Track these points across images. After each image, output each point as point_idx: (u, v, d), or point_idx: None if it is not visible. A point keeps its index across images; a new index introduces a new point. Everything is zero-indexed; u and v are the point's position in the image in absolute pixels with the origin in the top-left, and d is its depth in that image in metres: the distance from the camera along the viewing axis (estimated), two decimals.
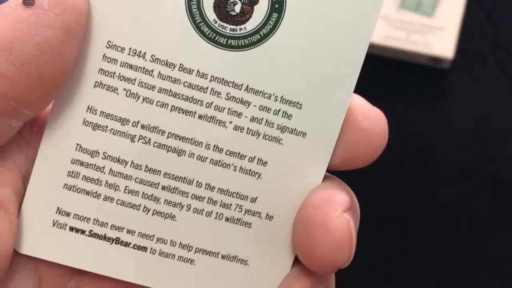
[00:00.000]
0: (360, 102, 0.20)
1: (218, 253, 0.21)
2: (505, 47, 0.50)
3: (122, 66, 0.20)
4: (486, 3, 0.51)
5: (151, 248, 0.20)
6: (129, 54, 0.20)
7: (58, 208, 0.20)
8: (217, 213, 0.20)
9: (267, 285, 0.21)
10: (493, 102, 0.48)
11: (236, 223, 0.21)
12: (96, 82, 0.20)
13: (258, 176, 0.20)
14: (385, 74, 0.50)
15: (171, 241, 0.20)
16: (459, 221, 0.46)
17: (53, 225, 0.20)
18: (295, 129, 0.20)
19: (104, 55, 0.19)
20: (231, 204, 0.20)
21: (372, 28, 0.20)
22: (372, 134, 0.20)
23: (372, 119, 0.20)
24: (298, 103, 0.20)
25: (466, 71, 0.49)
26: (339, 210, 0.19)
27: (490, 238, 0.46)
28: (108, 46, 0.19)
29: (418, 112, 0.49)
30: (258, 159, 0.20)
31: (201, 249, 0.21)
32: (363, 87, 0.24)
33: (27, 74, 0.18)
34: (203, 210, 0.20)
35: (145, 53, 0.20)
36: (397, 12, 0.50)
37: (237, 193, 0.20)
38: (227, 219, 0.21)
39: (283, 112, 0.20)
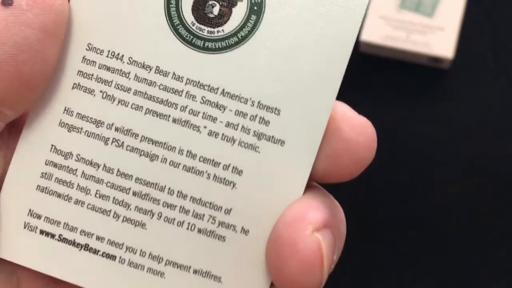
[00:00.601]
0: (343, 109, 0.19)
1: (190, 267, 0.19)
2: (505, 47, 0.50)
3: (100, 68, 0.20)
4: (486, 3, 0.51)
5: (120, 257, 0.20)
6: (107, 56, 0.20)
7: (30, 210, 0.20)
8: (189, 223, 0.19)
9: None
10: (493, 102, 0.49)
11: (209, 236, 0.19)
12: (74, 83, 0.20)
13: (233, 186, 0.19)
14: (385, 74, 0.50)
15: (141, 251, 0.20)
16: (459, 221, 0.46)
17: (24, 227, 0.20)
18: (272, 137, 0.19)
19: (83, 57, 0.20)
20: (204, 215, 0.19)
21: (356, 30, 0.19)
22: (357, 143, 0.19)
23: (357, 127, 0.19)
24: (276, 108, 0.19)
25: (466, 71, 0.49)
26: (309, 229, 0.18)
27: (490, 238, 0.46)
28: (88, 48, 0.20)
29: (418, 112, 0.49)
30: (233, 167, 0.19)
31: (171, 261, 0.20)
32: (363, 87, 0.24)
33: (7, 73, 0.18)
34: (174, 219, 0.19)
35: (122, 56, 0.19)
36: (397, 12, 0.50)
37: (211, 203, 0.19)
38: (199, 231, 0.19)
39: (260, 118, 0.19)
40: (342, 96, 0.20)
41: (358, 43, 0.50)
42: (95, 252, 0.20)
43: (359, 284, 0.45)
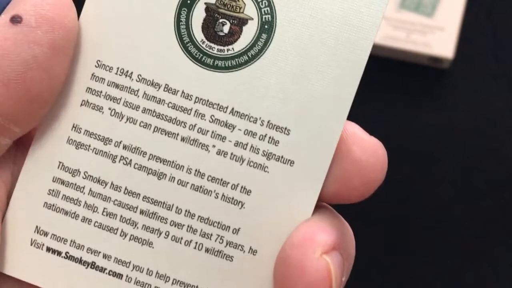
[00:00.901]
0: (354, 130, 0.19)
1: (197, 286, 0.19)
2: (505, 47, 0.50)
3: (109, 85, 0.19)
4: (486, 3, 0.51)
5: (127, 276, 0.19)
6: (116, 73, 0.19)
7: (36, 227, 0.20)
8: (196, 242, 0.19)
9: None
10: (493, 102, 0.49)
11: (216, 255, 0.19)
12: (83, 100, 0.20)
13: (241, 206, 0.19)
14: (385, 74, 0.50)
15: (148, 269, 0.19)
16: (459, 221, 0.46)
17: (31, 244, 0.20)
18: (282, 157, 0.19)
19: (92, 74, 0.19)
20: (211, 234, 0.19)
21: (368, 50, 0.19)
22: (367, 165, 0.18)
23: (368, 148, 0.18)
24: (285, 128, 0.19)
25: (466, 71, 0.49)
26: (318, 252, 0.18)
27: (490, 238, 0.46)
28: (97, 65, 0.19)
29: (418, 112, 0.49)
30: (242, 187, 0.19)
31: (178, 280, 0.19)
32: (363, 87, 0.24)
33: (15, 91, 0.18)
34: (181, 238, 0.19)
35: (132, 73, 0.19)
36: (397, 12, 0.50)
37: (219, 222, 0.19)
38: (207, 250, 0.19)
39: (269, 137, 0.19)
40: None
41: None
42: (102, 270, 0.19)
43: (359, 284, 0.45)
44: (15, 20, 0.18)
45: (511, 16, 0.51)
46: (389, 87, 0.49)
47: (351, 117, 0.19)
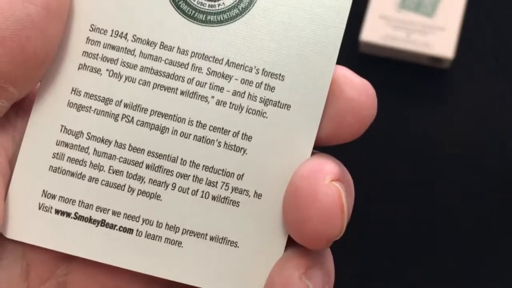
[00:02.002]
0: (344, 72, 0.20)
1: (206, 234, 0.20)
2: (505, 47, 0.50)
3: (105, 48, 0.20)
4: (486, 3, 0.51)
5: (137, 230, 0.20)
6: (111, 35, 0.20)
7: (43, 190, 0.20)
8: (203, 191, 0.20)
9: (259, 269, 0.20)
10: (493, 102, 0.49)
11: (223, 202, 0.20)
12: (80, 64, 0.20)
13: (244, 152, 0.20)
14: (385, 74, 0.50)
15: (157, 222, 0.20)
16: (459, 221, 0.46)
17: (39, 209, 0.20)
18: (278, 102, 0.20)
19: (87, 38, 0.20)
20: (217, 182, 0.20)
21: None
22: (359, 102, 0.19)
23: (358, 87, 0.19)
24: (280, 75, 0.20)
25: (466, 71, 0.49)
26: (327, 179, 0.18)
27: (490, 238, 0.46)
28: (91, 29, 0.20)
29: (418, 112, 0.49)
30: (243, 134, 0.20)
31: (188, 230, 0.20)
32: None
33: (10, 49, 0.18)
34: (188, 188, 0.20)
35: (126, 34, 0.20)
36: (397, 12, 0.50)
37: (223, 170, 0.20)
38: (213, 198, 0.20)
39: (266, 84, 0.20)
40: None
41: (358, 43, 0.50)
42: (112, 227, 0.20)
43: (359, 284, 0.45)
44: None
45: (511, 16, 0.51)
46: (389, 87, 0.49)
47: None
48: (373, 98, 0.20)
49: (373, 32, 0.49)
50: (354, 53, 0.50)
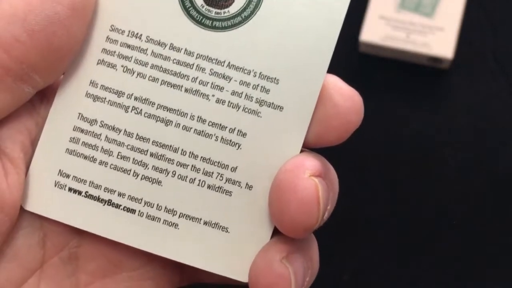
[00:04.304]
0: (334, 80, 0.22)
1: (201, 219, 0.22)
2: (505, 47, 0.50)
3: (122, 46, 0.22)
4: (486, 3, 0.51)
5: (139, 211, 0.22)
6: (128, 35, 0.22)
7: (60, 170, 0.22)
8: (199, 180, 0.22)
9: (246, 252, 0.22)
10: (493, 102, 0.49)
11: (217, 191, 0.22)
12: (99, 60, 0.22)
13: (238, 147, 0.22)
14: (385, 74, 0.50)
15: (157, 205, 0.22)
16: (459, 221, 0.46)
17: (55, 186, 0.22)
18: (272, 103, 0.22)
19: (107, 37, 0.22)
20: (212, 173, 0.22)
21: (343, 10, 0.22)
22: (346, 108, 0.21)
23: (346, 94, 0.21)
24: (275, 78, 0.22)
25: (466, 71, 0.49)
26: (307, 173, 0.20)
27: (490, 238, 0.46)
28: (111, 29, 0.22)
29: (418, 112, 0.49)
30: (238, 130, 0.22)
31: (184, 214, 0.22)
32: (363, 87, 0.24)
33: (38, 41, 0.20)
34: (187, 176, 0.22)
35: (141, 35, 0.22)
36: (397, 12, 0.50)
37: (219, 162, 0.22)
38: (209, 187, 0.22)
39: (261, 87, 0.22)
40: None
41: (358, 43, 0.50)
42: (117, 206, 0.22)
43: (358, 284, 0.45)
44: None
45: (511, 16, 0.51)
46: (389, 87, 0.50)
47: None
48: (359, 105, 0.21)
49: (373, 32, 0.49)
50: (354, 53, 0.50)
